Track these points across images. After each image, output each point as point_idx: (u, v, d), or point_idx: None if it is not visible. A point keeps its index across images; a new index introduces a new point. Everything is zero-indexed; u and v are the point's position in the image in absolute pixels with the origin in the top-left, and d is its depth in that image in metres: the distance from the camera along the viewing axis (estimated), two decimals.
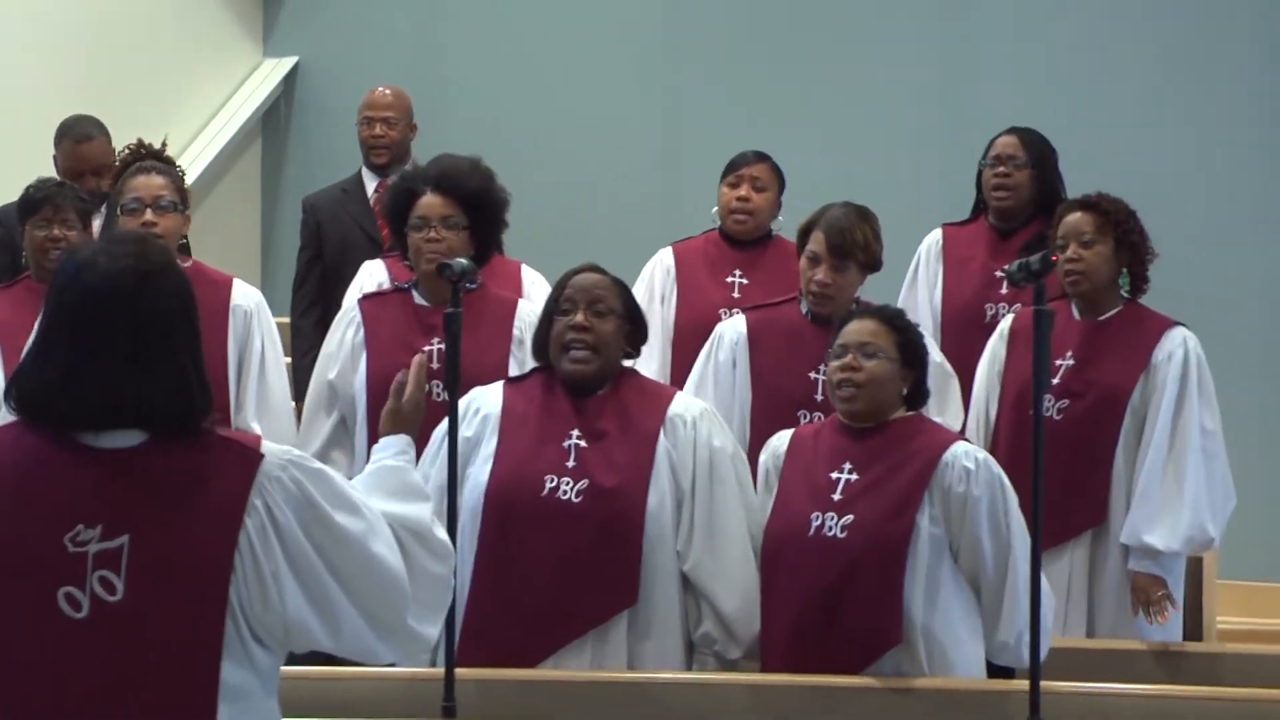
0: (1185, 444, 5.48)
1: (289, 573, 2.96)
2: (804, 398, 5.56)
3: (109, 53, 9.21)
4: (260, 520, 2.95)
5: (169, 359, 2.98)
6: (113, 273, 2.99)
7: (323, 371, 5.67)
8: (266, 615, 2.97)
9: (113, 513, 2.93)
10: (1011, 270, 4.65)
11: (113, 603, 2.91)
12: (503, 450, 4.83)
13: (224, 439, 3.01)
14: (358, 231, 7.35)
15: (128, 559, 2.92)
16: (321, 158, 9.36)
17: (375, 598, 3.02)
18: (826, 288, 5.52)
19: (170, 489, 2.94)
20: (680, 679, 4.76)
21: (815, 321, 5.59)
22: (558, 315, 4.89)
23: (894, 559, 4.68)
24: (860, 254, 5.52)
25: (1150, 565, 5.46)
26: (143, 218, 5.55)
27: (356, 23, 9.71)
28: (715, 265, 6.47)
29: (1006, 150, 6.40)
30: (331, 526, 2.98)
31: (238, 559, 2.94)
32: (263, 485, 2.96)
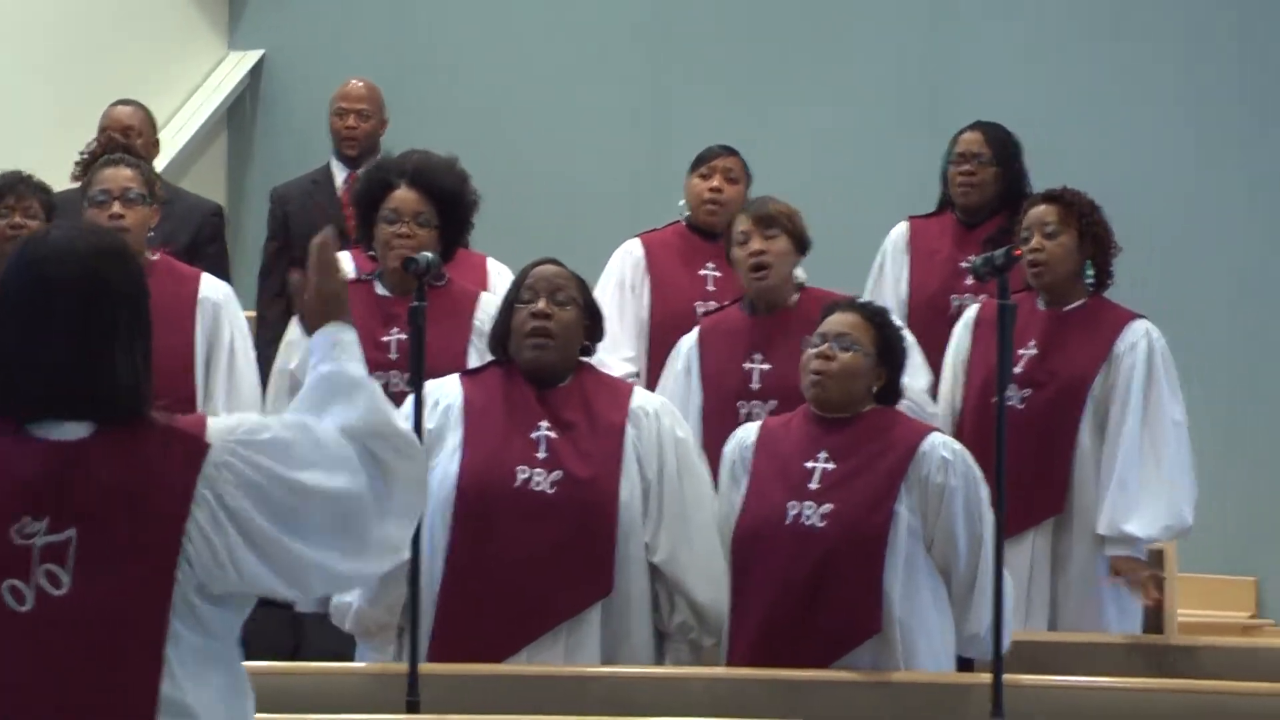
0: (1161, 433, 5.51)
1: (246, 550, 2.93)
2: (740, 388, 5.63)
3: (74, 46, 9.19)
4: (210, 510, 2.93)
5: (115, 347, 2.97)
6: (62, 258, 2.97)
7: (284, 360, 5.67)
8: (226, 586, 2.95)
9: (60, 506, 2.91)
10: (976, 264, 4.68)
11: (58, 596, 2.89)
12: (471, 441, 4.83)
13: (169, 429, 2.97)
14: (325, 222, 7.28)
15: (75, 553, 2.90)
16: (287, 150, 9.33)
17: (346, 535, 2.97)
18: (762, 255, 5.61)
19: (117, 483, 2.92)
20: (648, 673, 4.77)
21: (752, 313, 5.67)
22: (518, 305, 4.90)
23: (874, 548, 4.70)
24: (785, 221, 5.64)
25: (1130, 550, 5.49)
26: (110, 210, 5.55)
27: (322, 16, 9.69)
28: (688, 258, 6.47)
29: (971, 147, 6.43)
30: (295, 488, 2.95)
31: (188, 548, 2.92)
32: (209, 476, 2.94)
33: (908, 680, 4.69)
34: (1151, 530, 5.45)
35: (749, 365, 5.62)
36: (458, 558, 4.75)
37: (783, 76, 8.80)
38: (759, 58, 8.87)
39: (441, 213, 5.49)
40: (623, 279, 6.48)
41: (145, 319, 3.02)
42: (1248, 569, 7.74)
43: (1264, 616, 7.67)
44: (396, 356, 5.38)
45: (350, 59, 9.10)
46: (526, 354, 4.87)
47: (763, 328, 5.66)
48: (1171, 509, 5.46)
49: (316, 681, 4.65)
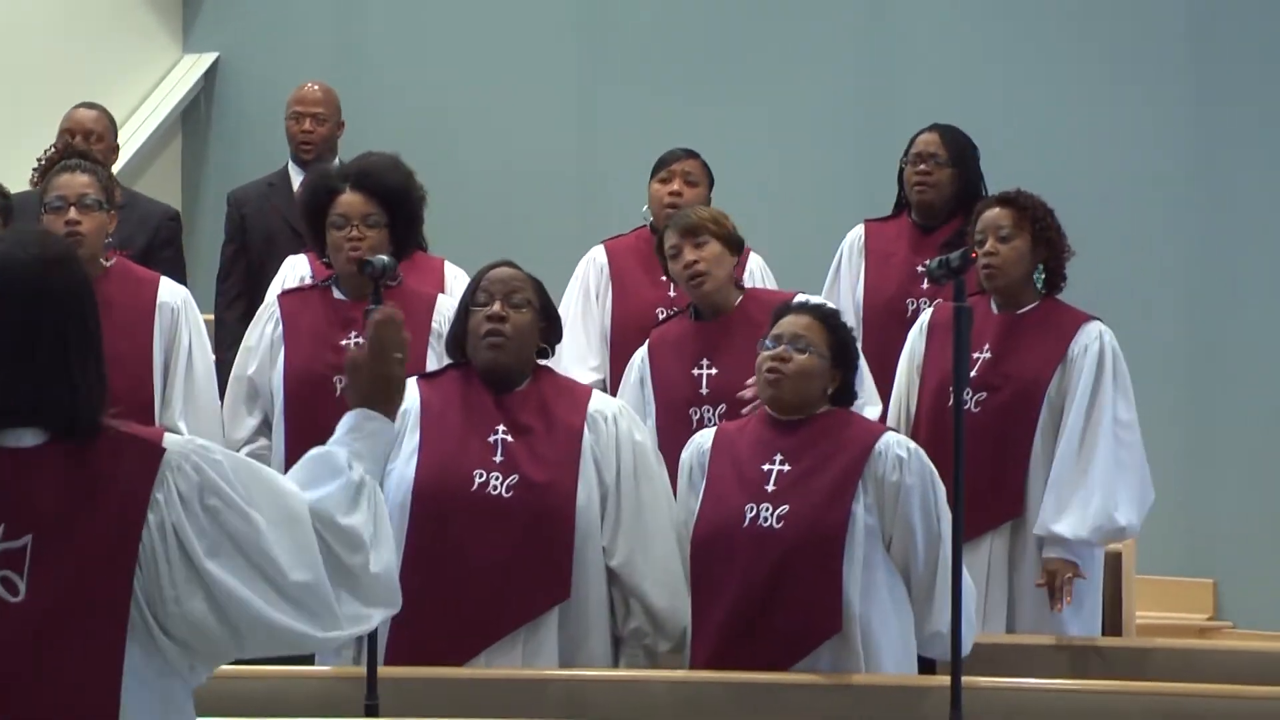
0: (1096, 434, 5.51)
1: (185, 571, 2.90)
2: (690, 395, 5.64)
3: (28, 48, 9.15)
4: (161, 516, 2.92)
5: (64, 355, 2.95)
6: (5, 266, 2.95)
7: (243, 365, 5.66)
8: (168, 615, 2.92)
9: (15, 513, 2.90)
10: (931, 267, 4.68)
11: (14, 604, 2.88)
12: (427, 445, 4.82)
13: (126, 435, 2.97)
14: (283, 226, 7.31)
15: (30, 559, 2.88)
16: (242, 153, 9.31)
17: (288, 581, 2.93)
18: (694, 265, 5.63)
19: (73, 488, 2.91)
20: (606, 676, 4.77)
21: (698, 319, 5.70)
22: (474, 308, 4.90)
23: (831, 548, 4.71)
24: (712, 225, 5.67)
25: (1062, 552, 5.48)
26: (66, 216, 5.52)
27: (276, 19, 9.67)
28: (650, 263, 6.47)
29: (928, 148, 6.44)
30: (236, 511, 2.92)
31: (143, 555, 2.90)
32: (164, 479, 2.93)
33: (867, 682, 4.69)
34: (1080, 531, 5.43)
35: (697, 371, 5.64)
36: (414, 562, 4.73)
37: (720, 78, 8.81)
38: (701, 57, 8.88)
39: (389, 211, 5.49)
40: (587, 287, 6.49)
41: (93, 327, 3.00)
42: (1206, 571, 7.77)
43: (1222, 618, 7.70)
44: None
45: (305, 62, 9.08)
46: (482, 355, 4.87)
47: (708, 333, 5.68)
48: (1102, 511, 5.43)
49: (275, 685, 4.64)
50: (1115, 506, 5.45)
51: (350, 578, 3.00)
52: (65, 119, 7.28)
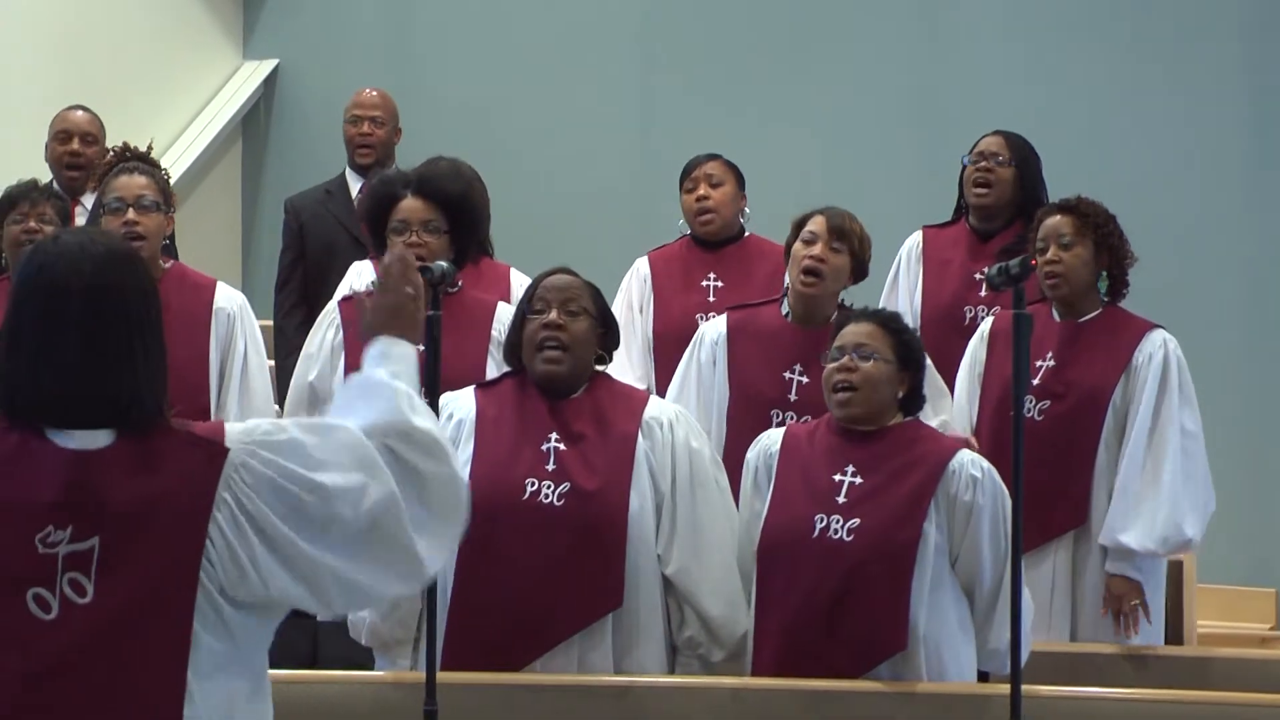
0: (1164, 444, 5.48)
1: (268, 555, 2.95)
2: (778, 398, 5.58)
3: (90, 56, 9.20)
4: (231, 512, 2.95)
5: (128, 352, 2.98)
6: (73, 264, 2.98)
7: (303, 373, 5.67)
8: (250, 595, 2.96)
9: (83, 514, 2.92)
10: (990, 274, 4.65)
11: (82, 605, 2.91)
12: (480, 454, 4.82)
13: (188, 435, 2.99)
14: (341, 233, 7.34)
15: (98, 561, 2.91)
16: (301, 160, 9.35)
17: (370, 539, 2.98)
18: (821, 264, 5.55)
19: (138, 491, 2.93)
20: (666, 683, 4.76)
21: (794, 322, 5.62)
22: (530, 316, 4.89)
23: (902, 565, 4.68)
24: (855, 241, 5.58)
25: (1126, 568, 5.46)
26: (125, 217, 5.55)
27: (336, 25, 9.70)
28: (689, 270, 6.48)
29: (990, 149, 6.43)
30: (314, 490, 2.96)
31: (211, 552, 2.93)
32: (230, 478, 2.95)
33: (928, 690, 4.67)
34: (1147, 543, 5.42)
35: (789, 375, 5.58)
36: (466, 570, 4.74)
37: (778, 85, 8.80)
38: (754, 67, 8.88)
39: (450, 218, 5.49)
40: (630, 298, 6.49)
41: (157, 324, 3.03)
42: (1268, 580, 7.72)
43: None
44: None
45: (363, 69, 9.12)
46: (539, 366, 4.86)
47: (806, 340, 5.59)
48: (1170, 522, 5.41)
49: (334, 690, 4.66)
50: (1183, 518, 5.42)
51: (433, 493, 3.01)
52: (60, 120, 7.32)
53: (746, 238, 6.56)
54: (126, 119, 7.77)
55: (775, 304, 5.73)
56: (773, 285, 6.18)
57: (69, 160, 7.18)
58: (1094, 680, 4.98)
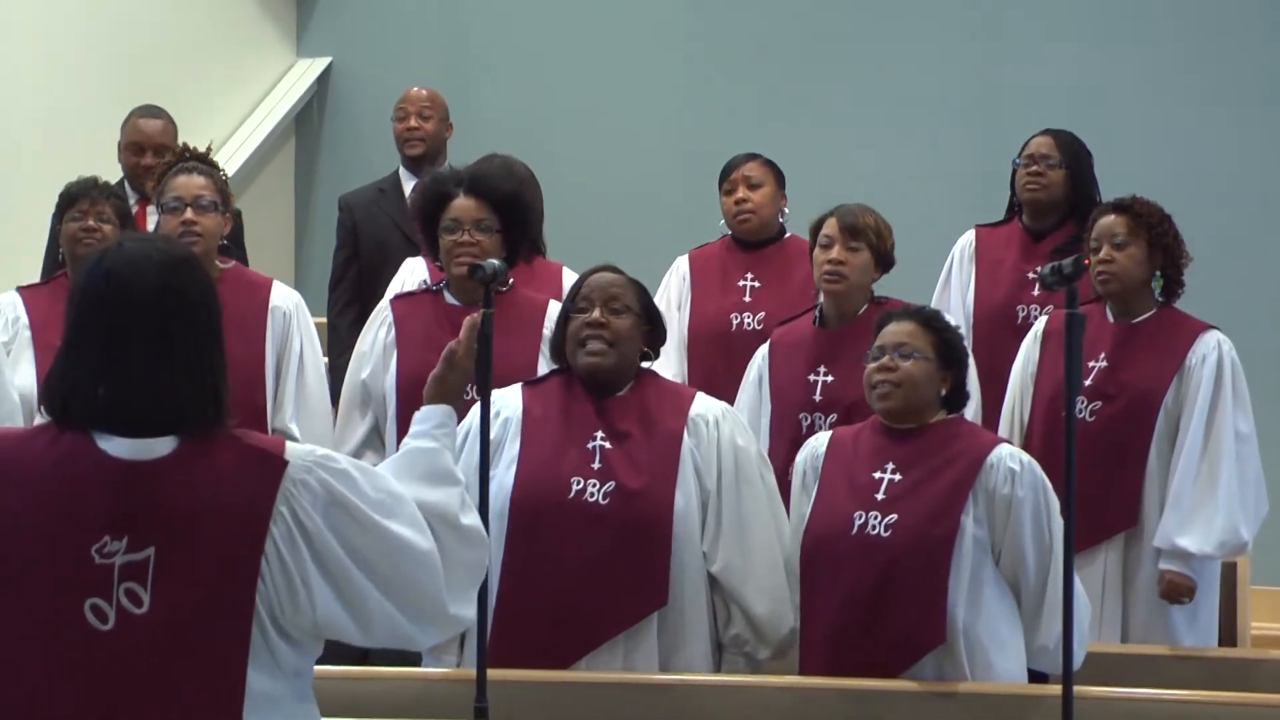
0: (1219, 447, 5.46)
1: (318, 575, 2.96)
2: (803, 400, 5.61)
3: (144, 55, 9.24)
4: (287, 527, 2.95)
5: (193, 354, 2.98)
6: (139, 270, 2.99)
7: (356, 371, 5.69)
8: (298, 616, 2.97)
9: (139, 525, 2.92)
10: (1043, 273, 4.64)
11: (139, 615, 2.90)
12: (526, 453, 4.82)
13: (248, 446, 2.99)
14: (394, 231, 7.35)
15: (154, 571, 2.91)
16: (355, 158, 9.38)
17: (411, 588, 3.01)
18: (841, 266, 5.59)
19: (196, 501, 2.93)
20: (714, 681, 4.76)
21: (822, 325, 5.66)
22: (574, 313, 4.90)
23: (938, 559, 4.68)
24: (871, 236, 5.61)
25: (1181, 566, 5.45)
26: (183, 216, 5.57)
27: (389, 23, 9.73)
28: (727, 270, 6.48)
29: (1041, 150, 6.41)
30: (364, 522, 2.97)
31: (265, 567, 2.94)
32: (288, 492, 2.96)
33: (977, 691, 4.66)
34: (1205, 547, 5.40)
35: (813, 377, 5.61)
36: (512, 569, 4.75)
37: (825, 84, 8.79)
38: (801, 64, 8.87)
39: (501, 216, 5.50)
40: (669, 297, 6.50)
41: (219, 331, 3.04)
42: None
43: None
44: None
45: (416, 67, 9.14)
46: (582, 360, 4.86)
47: (828, 340, 5.64)
48: (1227, 525, 5.41)
49: (385, 687, 4.67)
50: (1240, 522, 5.41)
51: (463, 575, 3.07)
52: (132, 129, 7.26)
53: (786, 238, 6.55)
54: (181, 117, 7.79)
55: (810, 312, 5.78)
56: (810, 286, 6.19)
57: (142, 173, 7.15)
58: (1146, 681, 4.95)
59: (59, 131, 8.77)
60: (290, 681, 3.00)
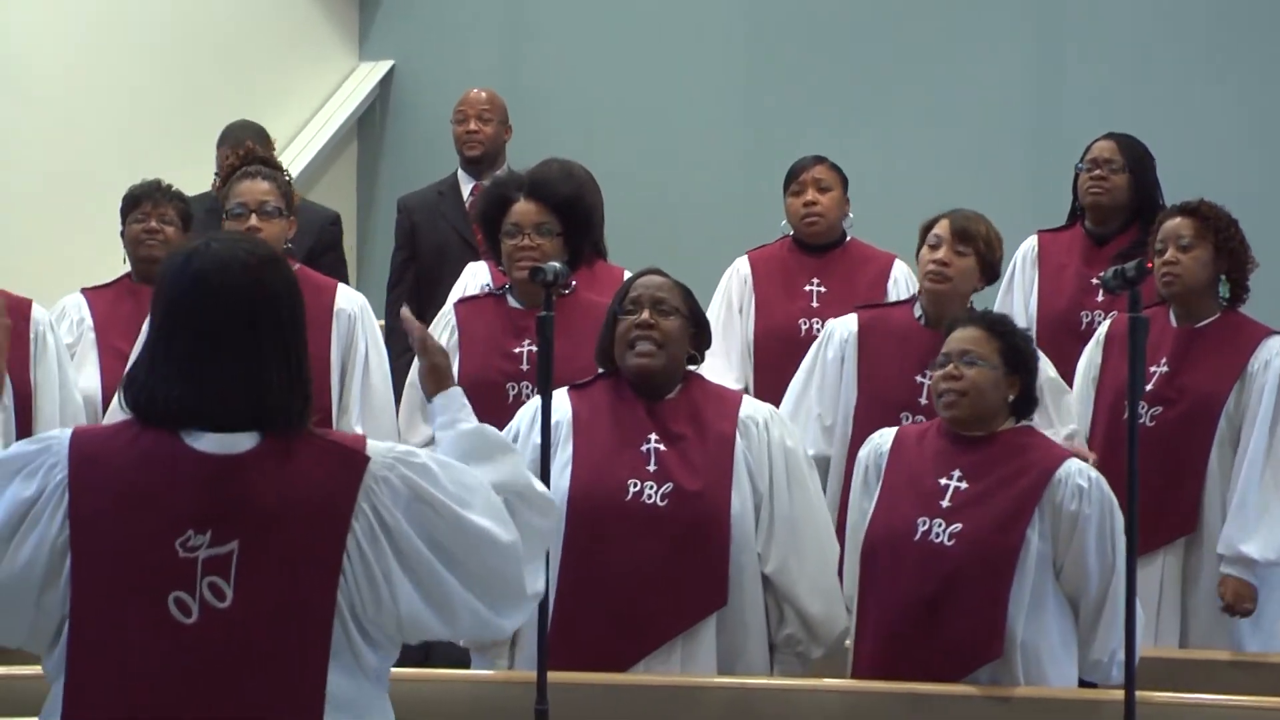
0: None
1: (401, 571, 2.97)
2: (908, 400, 5.59)
3: (207, 59, 9.30)
4: (368, 523, 2.96)
5: (280, 352, 3.00)
6: (227, 269, 3.00)
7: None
8: (380, 615, 2.98)
9: (222, 519, 2.94)
10: (1106, 277, 4.62)
11: (222, 609, 2.92)
12: (580, 455, 4.83)
13: (330, 443, 3.01)
14: (453, 233, 7.37)
15: (237, 565, 2.93)
16: (415, 160, 9.40)
17: (494, 579, 3.02)
18: (945, 267, 5.57)
19: (278, 496, 2.95)
20: (770, 685, 4.76)
21: (927, 325, 5.63)
22: (622, 316, 4.90)
23: (1001, 572, 4.66)
24: (981, 243, 5.59)
25: (1243, 572, 5.42)
26: (247, 223, 5.59)
27: (450, 27, 9.75)
28: (792, 274, 6.46)
29: (1103, 154, 6.39)
30: (446, 516, 2.99)
31: (347, 563, 2.95)
32: (369, 488, 2.97)
33: (1037, 695, 4.64)
34: (1269, 554, 5.38)
35: (920, 379, 5.57)
36: (570, 570, 4.75)
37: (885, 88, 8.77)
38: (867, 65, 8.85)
39: (563, 220, 5.51)
40: (729, 299, 6.48)
41: (302, 329, 3.06)
42: None
43: None
44: (527, 368, 5.42)
45: (477, 70, 9.17)
46: (631, 361, 4.87)
47: (940, 341, 5.57)
48: None
49: (445, 689, 4.68)
50: None
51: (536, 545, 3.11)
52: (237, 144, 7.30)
53: (849, 243, 6.54)
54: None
55: (908, 305, 5.75)
56: (875, 292, 6.18)
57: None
58: (1206, 687, 4.92)
59: (127, 136, 8.83)
60: (371, 684, 3.01)
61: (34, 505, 2.95)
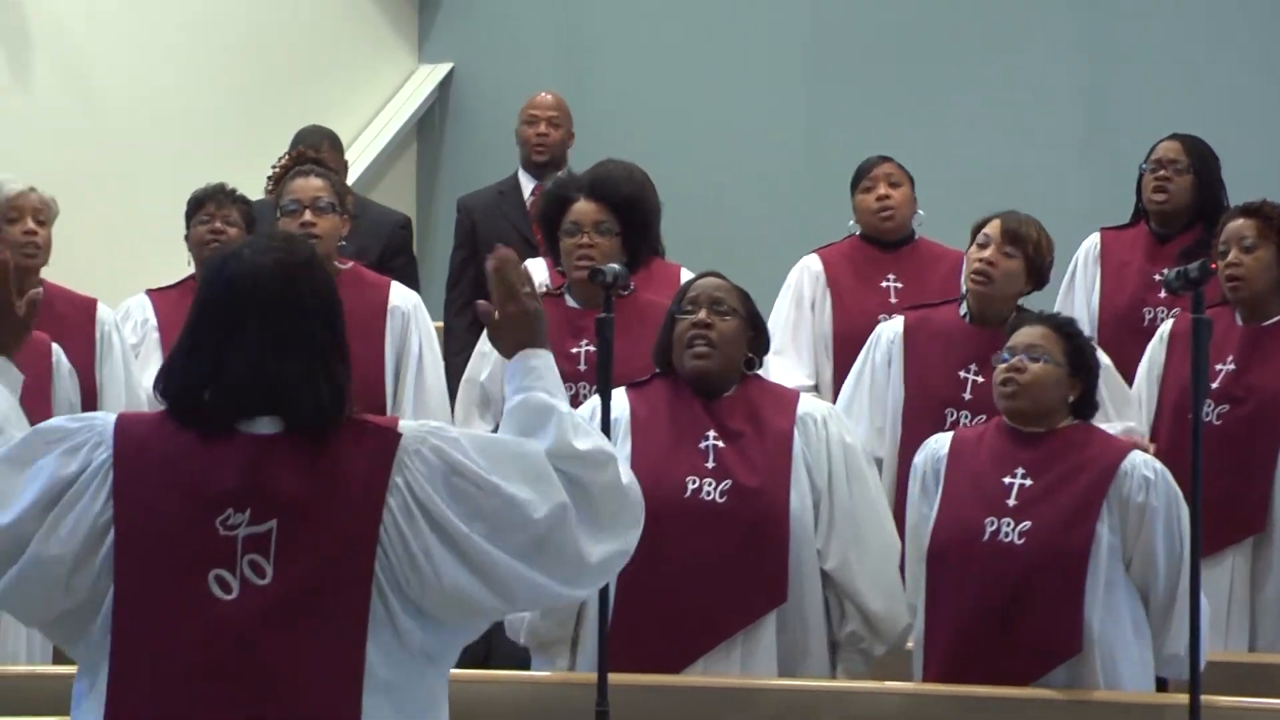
0: None
1: (439, 544, 2.97)
2: (952, 396, 5.58)
3: (267, 62, 9.33)
4: (403, 499, 2.97)
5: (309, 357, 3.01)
6: (255, 271, 3.03)
7: (475, 371, 5.72)
8: (424, 590, 2.98)
9: (260, 497, 2.97)
10: (1169, 278, 4.60)
11: (261, 586, 2.95)
12: (639, 453, 4.82)
13: (363, 422, 3.03)
14: (513, 233, 7.37)
15: (276, 543, 2.95)
16: (475, 162, 9.42)
17: (546, 547, 3.00)
18: (991, 267, 5.55)
19: (314, 474, 2.97)
20: (833, 686, 4.74)
21: (971, 322, 5.59)
22: (680, 316, 4.90)
23: (1075, 567, 4.64)
24: (1030, 247, 5.55)
25: None
26: (301, 219, 5.62)
27: (509, 29, 9.77)
28: (866, 271, 6.45)
29: (1168, 155, 6.35)
30: (483, 486, 2.98)
31: (385, 539, 2.96)
32: (402, 463, 2.98)
33: (1103, 699, 4.62)
34: None
35: (964, 374, 5.56)
36: (629, 570, 4.68)
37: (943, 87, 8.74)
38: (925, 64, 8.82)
39: (622, 220, 5.51)
40: (800, 296, 6.46)
41: (338, 327, 3.07)
42: None
43: None
44: (585, 368, 5.43)
45: (536, 72, 9.17)
46: (688, 363, 4.87)
47: (980, 339, 5.57)
48: None
49: (506, 690, 4.69)
50: None
51: (601, 506, 3.04)
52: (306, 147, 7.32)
53: (918, 240, 6.53)
54: (304, 122, 7.87)
55: (953, 305, 5.73)
56: (947, 288, 6.14)
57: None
58: (1275, 691, 4.88)
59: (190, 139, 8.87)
60: (419, 664, 3.01)
61: (74, 483, 2.98)
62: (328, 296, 3.06)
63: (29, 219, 5.66)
